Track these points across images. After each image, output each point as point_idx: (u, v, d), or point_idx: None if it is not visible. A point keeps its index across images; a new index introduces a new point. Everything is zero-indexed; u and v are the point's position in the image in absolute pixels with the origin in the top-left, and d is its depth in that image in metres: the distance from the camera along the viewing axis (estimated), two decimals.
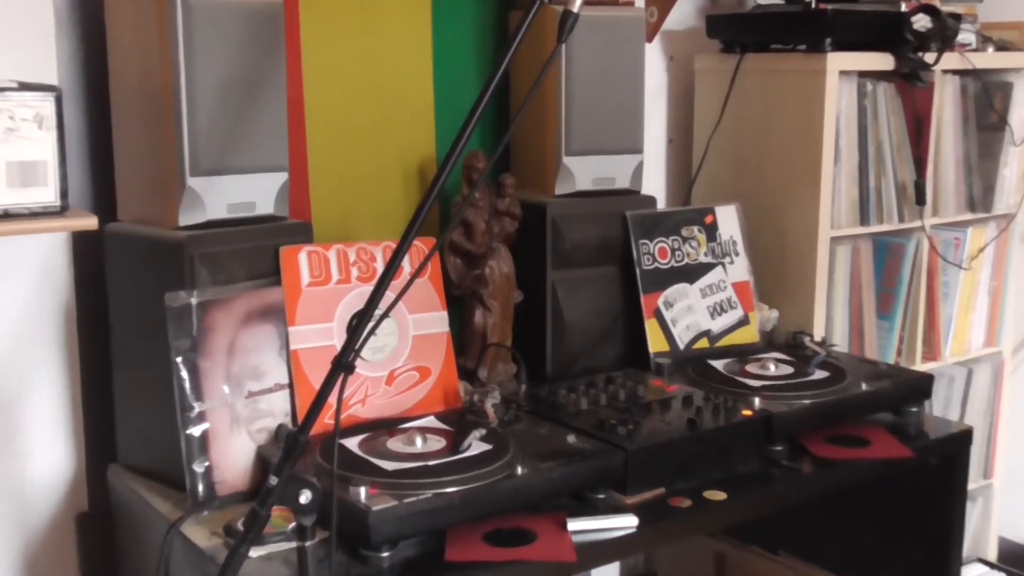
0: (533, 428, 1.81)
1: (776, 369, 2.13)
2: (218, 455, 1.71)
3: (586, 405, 1.91)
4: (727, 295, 2.36)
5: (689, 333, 2.28)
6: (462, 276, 2.15)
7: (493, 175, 2.22)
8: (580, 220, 2.21)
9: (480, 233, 2.14)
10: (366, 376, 1.87)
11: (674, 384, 2.05)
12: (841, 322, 2.55)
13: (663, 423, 1.83)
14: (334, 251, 1.89)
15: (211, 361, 1.72)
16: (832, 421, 2.00)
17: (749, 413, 1.89)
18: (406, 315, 1.94)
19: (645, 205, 2.31)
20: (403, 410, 1.90)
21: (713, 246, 2.37)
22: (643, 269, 2.26)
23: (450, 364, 1.97)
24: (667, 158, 2.76)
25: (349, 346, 1.39)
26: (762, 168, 2.55)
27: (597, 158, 2.23)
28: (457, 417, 1.86)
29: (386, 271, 1.41)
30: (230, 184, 1.78)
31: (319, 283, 1.86)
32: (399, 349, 1.92)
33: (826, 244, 2.45)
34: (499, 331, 2.16)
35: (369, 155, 2.21)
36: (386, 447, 1.70)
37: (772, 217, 2.52)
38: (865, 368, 2.20)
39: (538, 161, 2.25)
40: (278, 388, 1.80)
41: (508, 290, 2.17)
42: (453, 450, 1.68)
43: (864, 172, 2.52)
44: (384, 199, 2.24)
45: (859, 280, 2.59)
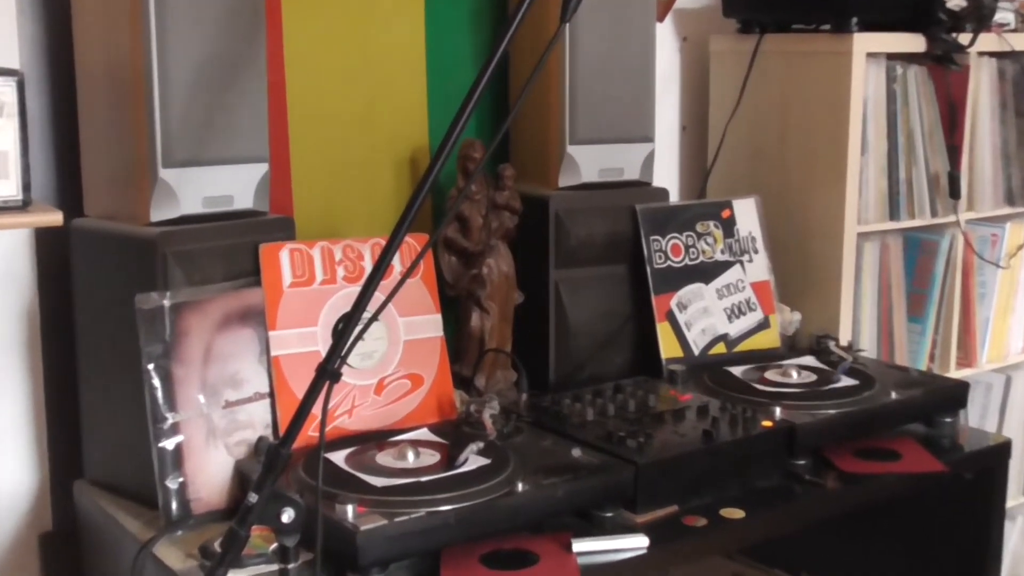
0: (535, 441, 1.81)
1: (799, 376, 2.13)
2: (193, 470, 1.71)
3: (592, 416, 1.91)
4: (745, 296, 2.36)
5: (704, 337, 2.28)
6: (458, 276, 2.15)
7: (491, 166, 2.22)
8: (586, 214, 2.21)
9: (477, 229, 2.14)
10: (353, 385, 1.87)
11: (688, 393, 2.05)
12: (869, 325, 2.55)
13: (676, 435, 1.83)
14: (318, 249, 1.89)
15: (185, 368, 1.72)
16: (859, 433, 2.00)
17: (769, 424, 1.89)
18: (397, 318, 1.94)
19: (657, 198, 2.31)
20: (393, 421, 1.90)
21: (730, 243, 2.37)
22: (654, 268, 2.25)
23: (444, 372, 1.97)
24: (680, 147, 2.76)
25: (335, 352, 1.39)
26: (783, 158, 2.55)
27: (604, 147, 2.23)
28: (452, 429, 1.86)
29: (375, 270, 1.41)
30: (206, 176, 1.78)
31: (302, 283, 1.86)
32: (389, 355, 1.92)
33: (852, 241, 2.45)
34: (498, 335, 2.16)
35: (356, 145, 2.21)
36: (375, 462, 1.70)
37: (794, 211, 2.51)
38: (895, 375, 2.20)
39: (540, 151, 2.25)
40: (258, 397, 1.80)
41: (507, 291, 2.17)
42: (448, 465, 1.67)
43: (893, 163, 2.52)
44: (373, 192, 2.24)
45: (888, 280, 2.59)
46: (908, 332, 2.64)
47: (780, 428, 1.89)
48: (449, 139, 1.41)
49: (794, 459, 1.90)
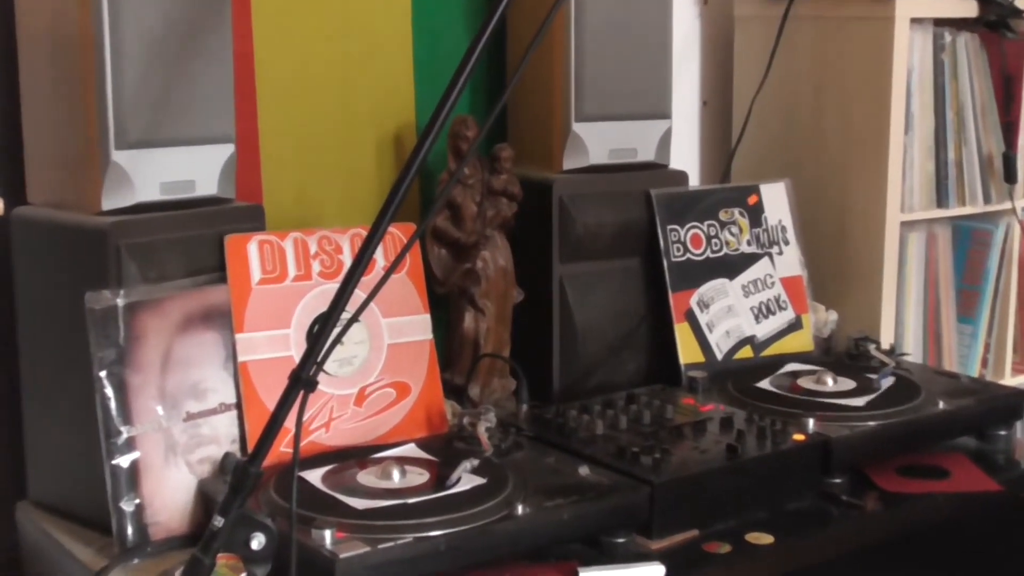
0: (537, 458, 1.82)
1: (835, 384, 2.14)
2: (151, 490, 1.71)
3: (602, 429, 1.92)
4: (775, 293, 2.36)
5: (729, 340, 2.29)
6: (448, 271, 2.15)
7: (486, 147, 2.22)
8: (594, 201, 2.21)
9: (470, 218, 2.14)
10: (331, 394, 1.88)
11: (710, 403, 2.05)
12: (914, 326, 2.55)
13: (697, 451, 1.84)
14: (291, 240, 1.89)
15: (142, 376, 1.72)
16: (903, 448, 2.01)
17: (801, 438, 1.89)
18: (380, 319, 1.94)
19: (674, 182, 2.31)
20: (376, 436, 1.90)
21: (758, 232, 2.37)
22: (672, 261, 2.26)
23: (434, 379, 1.97)
24: (701, 124, 2.77)
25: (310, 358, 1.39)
26: (817, 137, 2.55)
27: (614, 125, 2.23)
28: (443, 445, 1.86)
29: (355, 265, 1.42)
30: (164, 159, 1.78)
31: (273, 280, 1.86)
32: (371, 361, 1.93)
33: (895, 231, 2.45)
34: (494, 338, 2.16)
35: (334, 122, 2.21)
36: (356, 481, 1.70)
37: (829, 197, 2.52)
38: (943, 382, 2.20)
39: (542, 129, 2.25)
40: (223, 409, 1.80)
41: (505, 288, 2.17)
42: (438, 485, 1.68)
43: (941, 142, 2.52)
44: (352, 176, 2.24)
45: (935, 274, 2.59)
46: (958, 334, 2.64)
47: (814, 442, 1.89)
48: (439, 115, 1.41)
49: (830, 477, 1.90)
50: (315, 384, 1.40)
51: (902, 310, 2.52)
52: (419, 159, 1.41)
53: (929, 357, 2.59)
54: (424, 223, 1.67)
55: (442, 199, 2.09)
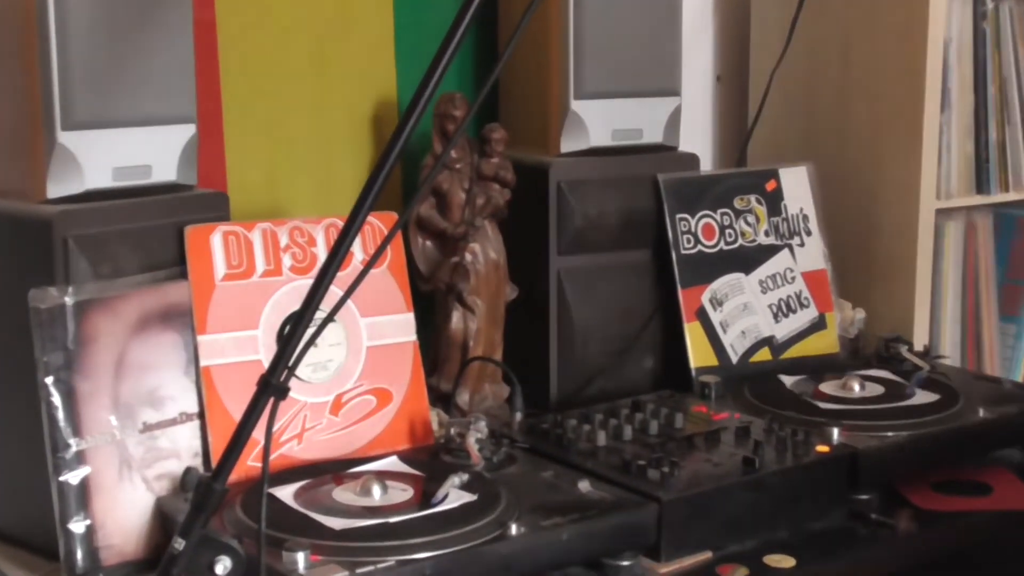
0: (532, 472, 1.82)
1: (863, 390, 2.15)
2: (103, 510, 1.72)
3: (605, 440, 1.92)
4: (796, 289, 2.37)
5: (745, 341, 2.29)
6: (434, 265, 2.16)
7: (475, 127, 2.23)
8: (595, 187, 2.22)
9: (458, 206, 2.14)
10: (304, 402, 1.88)
11: (724, 411, 2.06)
12: (951, 326, 2.56)
13: (709, 464, 1.84)
14: (259, 232, 1.90)
15: (93, 383, 1.73)
16: (939, 461, 2.01)
17: (826, 450, 1.90)
18: (358, 319, 1.94)
19: (685, 167, 2.31)
20: (355, 448, 1.90)
21: (777, 222, 2.38)
22: (682, 254, 2.26)
23: (418, 386, 1.98)
24: (714, 102, 2.77)
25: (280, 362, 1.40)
26: (843, 116, 2.56)
27: (618, 103, 2.24)
28: (428, 458, 1.87)
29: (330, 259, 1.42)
30: (117, 141, 1.79)
31: (239, 275, 1.86)
32: (348, 366, 1.93)
33: (930, 219, 2.46)
34: (485, 340, 2.17)
35: (306, 100, 2.22)
36: (332, 499, 1.70)
37: (857, 182, 2.52)
38: (984, 388, 2.21)
39: (537, 107, 2.25)
40: (184, 419, 1.80)
41: (497, 284, 2.18)
42: (424, 502, 1.68)
43: (982, 122, 2.53)
44: (327, 160, 2.24)
45: (975, 268, 2.59)
46: (1000, 334, 2.64)
47: (840, 454, 1.90)
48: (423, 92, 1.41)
49: (857, 493, 1.91)
50: (286, 391, 1.40)
51: (938, 308, 2.52)
52: (401, 141, 1.42)
53: (968, 360, 2.59)
54: (407, 212, 1.68)
55: (427, 185, 2.09)
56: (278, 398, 1.40)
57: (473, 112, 1.56)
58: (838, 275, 2.43)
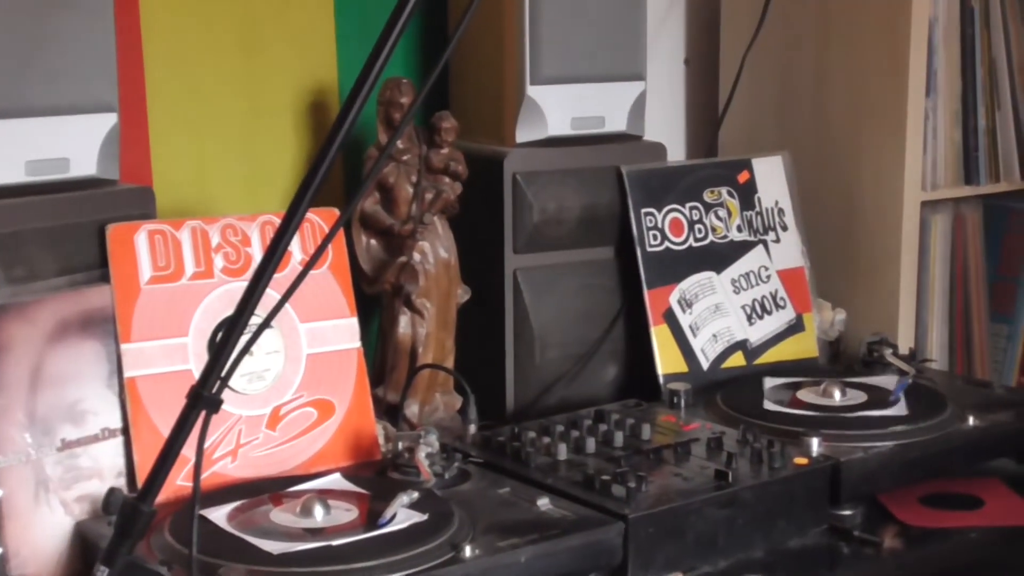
0: (488, 489, 1.82)
1: (844, 396, 2.16)
2: (17, 536, 1.71)
3: (566, 454, 1.93)
4: (771, 289, 2.38)
5: (716, 346, 2.30)
6: (379, 265, 2.16)
7: (424, 115, 2.23)
8: (554, 180, 2.22)
9: (405, 201, 2.14)
10: (239, 416, 1.88)
11: (695, 421, 2.07)
12: (938, 326, 2.57)
13: (679, 478, 1.85)
14: (188, 230, 1.89)
15: (5, 396, 1.71)
16: (927, 473, 2.03)
17: (804, 461, 1.91)
18: (297, 325, 1.94)
19: (650, 157, 2.32)
20: (294, 465, 1.90)
21: (750, 216, 2.39)
22: (647, 252, 2.27)
23: (363, 396, 1.98)
24: (682, 87, 2.78)
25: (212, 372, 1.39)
26: (821, 102, 2.57)
27: (578, 88, 2.24)
28: (375, 474, 1.86)
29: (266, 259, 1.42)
30: (30, 132, 1.77)
31: (166, 278, 1.86)
32: (287, 375, 1.93)
33: (915, 212, 2.47)
34: (435, 346, 2.17)
35: (238, 86, 2.21)
36: (270, 520, 1.70)
37: (836, 173, 2.53)
38: (974, 394, 2.23)
39: (491, 93, 2.26)
40: (107, 435, 1.79)
41: (447, 286, 2.18)
42: (370, 523, 1.68)
43: (970, 107, 2.54)
44: (262, 152, 2.24)
45: (964, 264, 2.61)
46: (991, 335, 2.66)
47: (820, 467, 1.91)
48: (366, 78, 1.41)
49: (839, 509, 1.92)
50: (219, 403, 1.40)
51: (924, 307, 2.54)
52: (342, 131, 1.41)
53: (957, 363, 2.61)
54: (349, 208, 1.68)
55: (371, 179, 2.09)
56: (210, 411, 1.39)
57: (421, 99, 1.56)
58: (817, 273, 2.44)
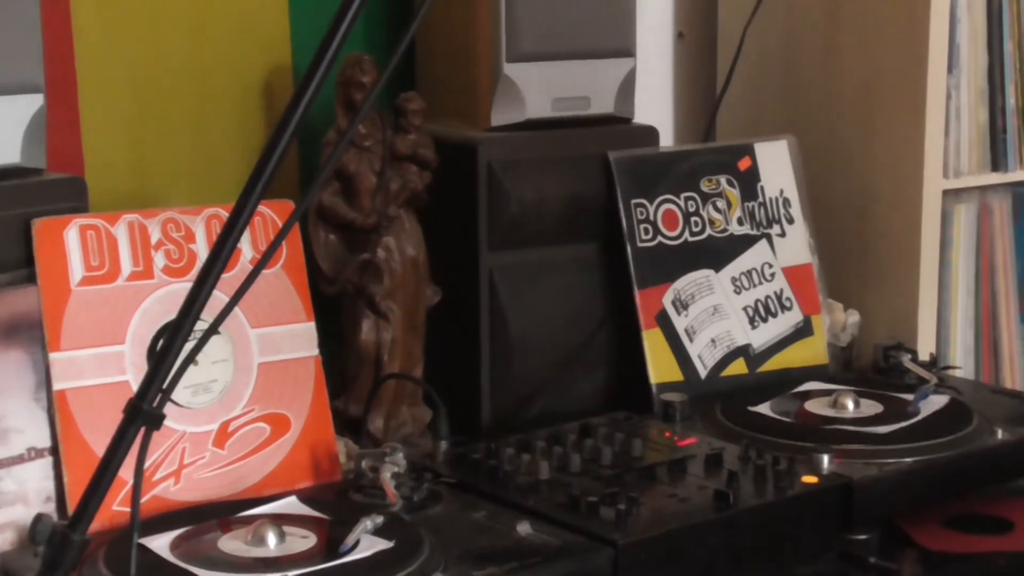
0: (461, 512, 1.82)
1: (857, 408, 2.16)
2: None
3: (548, 473, 1.93)
4: (776, 288, 2.38)
5: (715, 352, 2.31)
6: (340, 263, 2.15)
7: (388, 97, 2.23)
8: (533, 168, 2.22)
9: (368, 192, 2.14)
10: (182, 432, 1.88)
11: (692, 435, 2.07)
12: (963, 329, 2.58)
13: (675, 499, 1.85)
14: (124, 225, 1.89)
15: None
16: (950, 493, 2.04)
17: (813, 480, 1.92)
18: (247, 330, 1.94)
19: (641, 142, 2.32)
20: (245, 487, 1.90)
21: (752, 207, 2.39)
22: (638, 248, 2.27)
23: (321, 410, 1.98)
24: (676, 65, 2.78)
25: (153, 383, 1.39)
26: (830, 80, 2.57)
27: (560, 66, 2.24)
28: (335, 497, 1.87)
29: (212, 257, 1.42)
30: None
31: (100, 279, 1.86)
32: (236, 387, 1.93)
33: (936, 202, 2.47)
34: (402, 353, 2.17)
35: (181, 64, 2.21)
36: (217, 549, 1.70)
37: (848, 160, 2.54)
38: (1002, 404, 2.24)
39: (462, 72, 2.26)
40: (33, 455, 1.79)
41: (415, 286, 2.18)
42: (330, 551, 1.68)
43: (997, 85, 2.55)
44: (207, 138, 2.24)
45: (991, 260, 2.61)
46: (1021, 339, 2.66)
47: (831, 486, 1.92)
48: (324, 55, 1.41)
49: (853, 533, 1.92)
50: (160, 419, 1.40)
51: (946, 308, 2.54)
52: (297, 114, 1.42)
53: (983, 371, 2.61)
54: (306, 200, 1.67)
55: (329, 167, 2.09)
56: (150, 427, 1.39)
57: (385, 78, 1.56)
58: (826, 271, 2.45)
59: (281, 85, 2.28)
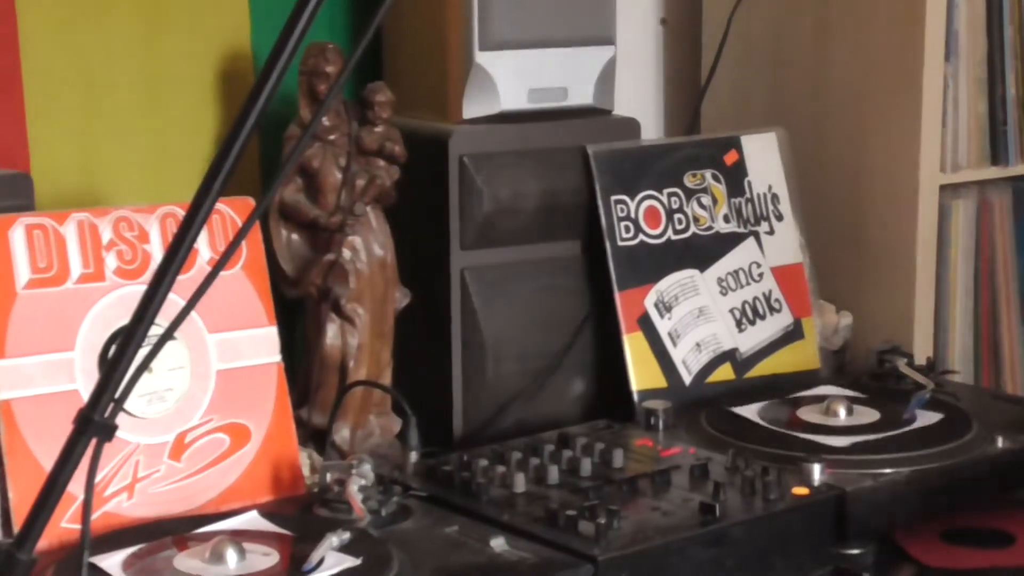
0: (433, 527, 1.82)
1: (850, 416, 2.17)
2: None
3: (524, 485, 1.93)
4: (764, 289, 2.39)
5: (701, 356, 2.31)
6: (303, 264, 2.15)
7: (354, 88, 2.23)
8: (508, 163, 2.22)
9: (333, 189, 2.14)
10: (136, 444, 1.87)
11: (676, 445, 2.07)
12: (961, 331, 2.58)
13: (658, 512, 1.85)
14: (73, 224, 1.88)
15: None
16: (949, 504, 2.04)
17: (805, 492, 1.92)
18: (204, 335, 1.94)
19: (622, 135, 2.33)
20: (203, 502, 1.90)
21: (739, 204, 2.40)
22: (619, 247, 2.28)
23: (284, 420, 1.98)
24: (658, 53, 2.78)
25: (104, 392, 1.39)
26: (821, 68, 2.58)
27: (536, 54, 2.24)
28: (299, 512, 1.86)
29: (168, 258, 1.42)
30: None
31: (48, 281, 1.85)
32: (193, 395, 1.92)
33: (933, 197, 2.48)
34: (370, 359, 2.17)
35: (133, 52, 2.20)
36: (173, 568, 1.69)
37: (840, 153, 2.54)
38: (1003, 411, 2.24)
39: (433, 62, 2.26)
40: None
41: (384, 288, 2.18)
42: (293, 570, 1.68)
43: (997, 73, 2.55)
44: (161, 131, 2.23)
45: (991, 259, 2.61)
46: (1023, 342, 2.67)
47: (823, 498, 1.92)
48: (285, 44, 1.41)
49: (846, 547, 1.93)
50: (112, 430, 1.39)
51: (944, 310, 2.55)
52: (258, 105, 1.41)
53: (983, 375, 2.62)
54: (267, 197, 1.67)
55: (292, 162, 2.09)
56: (102, 439, 1.39)
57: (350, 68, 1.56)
58: (818, 271, 2.45)
59: (241, 74, 2.27)
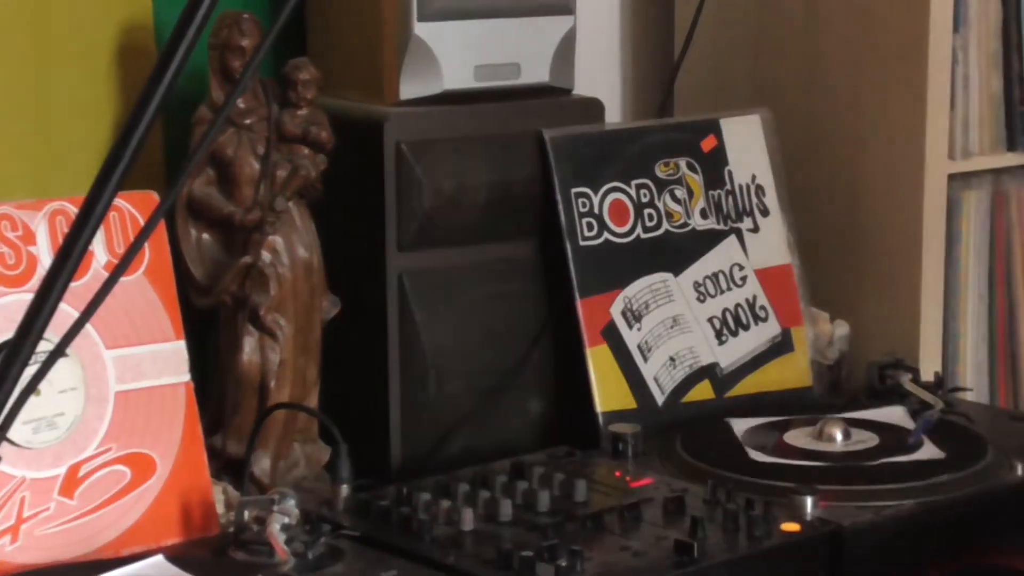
0: (366, 572, 1.83)
1: (847, 440, 2.18)
2: None
3: (472, 523, 1.93)
4: (748, 295, 2.40)
5: (675, 372, 2.32)
6: (215, 269, 2.15)
7: (274, 64, 2.23)
8: (452, 150, 2.23)
9: (250, 182, 2.14)
10: (21, 478, 1.87)
11: (648, 475, 2.08)
12: (973, 343, 2.60)
13: (627, 552, 1.86)
14: None
15: None
16: (958, 540, 2.05)
17: (795, 528, 1.93)
18: (102, 351, 1.93)
19: (583, 119, 2.34)
20: (101, 545, 1.89)
21: (718, 196, 2.40)
22: (580, 247, 2.28)
23: (194, 449, 1.98)
24: (624, 24, 2.79)
25: None
26: (812, 42, 2.59)
27: (484, 25, 2.25)
28: (212, 555, 1.86)
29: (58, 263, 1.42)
30: None
31: None
32: (88, 421, 1.92)
33: (941, 188, 2.50)
34: (293, 378, 2.17)
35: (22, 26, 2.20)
36: None
37: (834, 138, 2.56)
38: (1022, 433, 2.26)
39: (365, 34, 2.26)
40: None
41: (309, 295, 2.18)
42: None
43: (1013, 45, 2.57)
44: (51, 115, 2.23)
45: (1007, 258, 2.63)
46: None
47: (816, 534, 1.93)
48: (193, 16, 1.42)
49: None
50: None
51: (953, 317, 2.56)
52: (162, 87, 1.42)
53: (999, 392, 2.63)
54: (173, 191, 1.68)
55: (202, 151, 2.09)
56: None
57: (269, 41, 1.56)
58: (809, 273, 2.46)
59: (142, 50, 2.27)
